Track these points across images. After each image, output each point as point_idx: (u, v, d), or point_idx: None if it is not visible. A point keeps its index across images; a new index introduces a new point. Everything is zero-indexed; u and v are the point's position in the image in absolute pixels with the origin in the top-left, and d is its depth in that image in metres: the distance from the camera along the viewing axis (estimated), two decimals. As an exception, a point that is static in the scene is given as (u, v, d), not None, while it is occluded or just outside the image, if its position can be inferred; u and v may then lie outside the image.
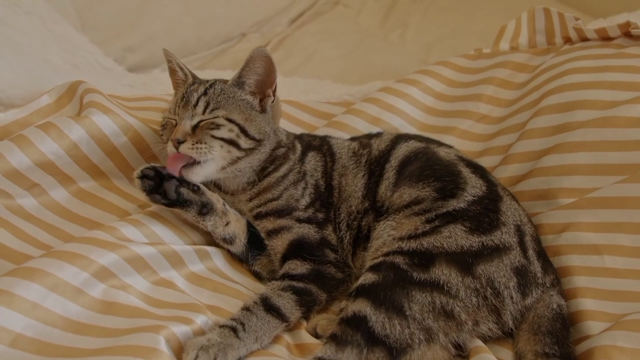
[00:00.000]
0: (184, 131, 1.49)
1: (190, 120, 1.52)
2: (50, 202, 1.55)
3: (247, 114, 1.56)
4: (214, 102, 1.53)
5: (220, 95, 1.55)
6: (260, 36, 3.03)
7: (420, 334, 1.28)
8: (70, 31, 2.23)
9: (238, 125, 1.53)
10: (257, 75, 1.57)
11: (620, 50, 1.83)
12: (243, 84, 1.58)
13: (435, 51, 2.93)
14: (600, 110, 1.67)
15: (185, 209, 1.48)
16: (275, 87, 1.60)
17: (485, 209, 1.44)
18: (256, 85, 1.58)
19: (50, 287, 1.22)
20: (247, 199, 1.60)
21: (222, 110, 1.53)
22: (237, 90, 1.58)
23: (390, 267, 1.35)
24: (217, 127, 1.51)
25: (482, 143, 1.94)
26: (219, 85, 1.58)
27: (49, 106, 1.67)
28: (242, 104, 1.57)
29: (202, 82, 1.61)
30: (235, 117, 1.53)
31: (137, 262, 1.36)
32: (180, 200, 1.47)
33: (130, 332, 1.21)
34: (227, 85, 1.58)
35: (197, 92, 1.56)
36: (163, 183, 1.47)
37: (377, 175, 1.58)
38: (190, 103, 1.54)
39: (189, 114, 1.52)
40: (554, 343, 1.32)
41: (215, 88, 1.57)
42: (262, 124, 1.57)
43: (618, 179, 1.55)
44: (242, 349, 1.27)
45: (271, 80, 1.58)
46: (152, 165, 1.48)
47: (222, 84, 1.59)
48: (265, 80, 1.58)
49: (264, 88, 1.59)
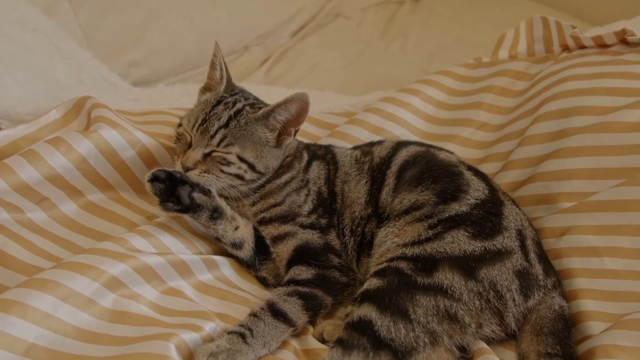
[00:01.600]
0: (195, 160, 1.52)
1: (204, 149, 1.53)
2: (59, 215, 1.57)
3: (260, 150, 1.58)
4: (231, 137, 1.54)
5: (241, 129, 1.55)
6: (263, 49, 3.06)
7: (425, 337, 1.30)
8: (75, 47, 2.26)
9: (248, 163, 1.55)
10: (289, 115, 1.58)
11: (616, 57, 1.85)
12: (270, 118, 1.58)
13: (436, 61, 2.95)
14: (598, 116, 1.69)
15: (198, 214, 1.50)
16: (298, 129, 1.62)
17: (488, 213, 1.46)
18: (283, 124, 1.59)
19: (62, 298, 1.25)
20: (251, 203, 1.62)
21: (237, 147, 1.54)
22: (261, 125, 1.58)
23: (395, 272, 1.37)
24: (227, 163, 1.53)
25: (482, 150, 1.95)
26: (244, 118, 1.57)
27: (56, 121, 1.69)
28: (258, 140, 1.58)
29: (229, 106, 1.59)
30: (247, 156, 1.55)
31: (147, 272, 1.38)
32: (193, 205, 1.49)
33: (141, 340, 1.23)
34: (252, 116, 1.58)
35: (218, 120, 1.55)
36: (177, 188, 1.49)
37: (379, 182, 1.60)
38: (208, 132, 1.53)
39: (204, 142, 1.53)
40: (556, 343, 1.34)
41: (239, 120, 1.56)
42: (271, 160, 1.60)
43: (616, 182, 1.57)
44: (250, 354, 1.30)
45: (298, 122, 1.60)
46: (163, 169, 1.50)
47: (247, 114, 1.58)
48: (293, 121, 1.59)
49: (288, 126, 1.60)
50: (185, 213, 1.51)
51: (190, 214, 1.51)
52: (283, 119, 1.58)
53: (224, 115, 1.56)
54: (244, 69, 2.83)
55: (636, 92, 1.70)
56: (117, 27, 2.62)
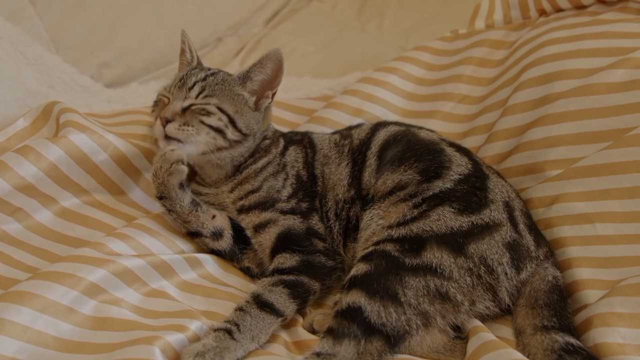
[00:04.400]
0: (174, 111, 1.51)
1: (182, 101, 1.54)
2: (35, 224, 1.53)
3: (239, 107, 1.57)
4: (210, 89, 1.56)
5: (218, 84, 1.57)
6: (237, 39, 3.01)
7: (417, 319, 1.28)
8: (43, 52, 2.22)
9: (228, 115, 1.55)
10: (265, 75, 1.59)
11: (595, 17, 1.82)
12: (247, 80, 1.59)
13: (414, 38, 2.90)
14: (580, 79, 1.67)
15: (180, 197, 1.51)
16: (275, 91, 1.62)
17: (473, 187, 1.44)
18: (260, 85, 1.60)
19: (40, 309, 1.22)
20: (229, 190, 1.60)
21: (215, 98, 1.55)
22: (238, 85, 1.59)
23: (382, 255, 1.34)
24: (207, 113, 1.53)
25: (465, 124, 1.93)
26: (221, 75, 1.61)
27: (25, 129, 1.65)
28: (237, 97, 1.58)
29: (205, 69, 1.64)
30: (226, 107, 1.55)
31: (127, 275, 1.35)
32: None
33: (124, 346, 1.20)
34: (230, 77, 1.61)
35: (196, 76, 1.58)
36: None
37: (360, 163, 1.58)
38: (186, 85, 1.56)
39: (182, 95, 1.54)
40: (552, 315, 1.31)
41: (216, 77, 1.59)
42: (251, 121, 1.59)
43: (603, 145, 1.54)
44: (239, 350, 1.26)
45: (275, 84, 1.61)
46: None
47: (224, 74, 1.62)
48: (270, 81, 1.60)
49: (265, 89, 1.61)
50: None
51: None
52: (259, 80, 1.59)
53: (200, 73, 1.59)
54: (219, 61, 2.78)
55: (617, 52, 1.67)
56: (85, 29, 2.57)
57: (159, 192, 1.52)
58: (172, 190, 1.50)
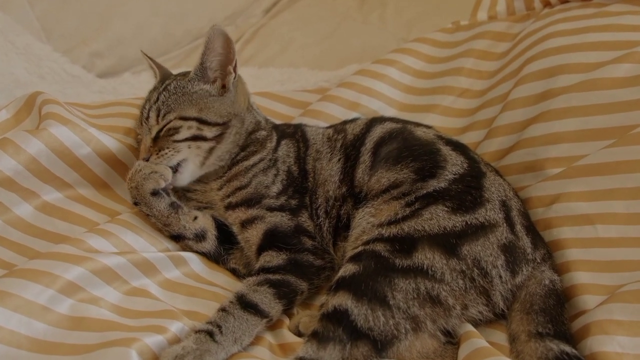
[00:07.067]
0: (146, 148, 1.51)
1: (149, 134, 1.52)
2: (14, 219, 1.48)
3: (202, 103, 1.53)
4: (165, 107, 1.53)
5: (171, 96, 1.54)
6: (235, 29, 2.94)
7: (406, 323, 1.22)
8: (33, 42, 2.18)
9: (194, 119, 1.51)
10: (218, 55, 1.55)
11: (600, 9, 1.77)
12: (206, 70, 1.55)
13: (416, 29, 2.84)
14: (583, 73, 1.62)
15: (158, 200, 1.47)
16: (235, 63, 1.57)
17: (468, 186, 1.38)
18: (219, 66, 1.56)
19: (13, 308, 1.18)
20: (218, 187, 1.57)
21: (173, 112, 1.52)
22: (195, 82, 1.55)
23: (371, 255, 1.29)
24: (175, 130, 1.50)
25: (465, 119, 1.88)
26: (173, 84, 1.56)
27: (7, 121, 1.61)
28: (195, 96, 1.54)
29: (157, 88, 1.59)
30: (187, 113, 1.52)
31: (106, 274, 1.31)
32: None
33: (101, 347, 1.16)
34: (183, 80, 1.56)
35: (149, 101, 1.56)
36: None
37: (353, 159, 1.53)
38: (143, 117, 1.54)
39: (146, 129, 1.53)
40: (548, 322, 1.25)
41: (168, 90, 1.55)
42: (222, 107, 1.55)
43: (606, 143, 1.49)
44: (220, 353, 1.21)
45: (231, 57, 1.56)
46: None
47: (175, 81, 1.57)
48: (225, 58, 1.56)
49: (225, 67, 1.56)
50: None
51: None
52: (217, 63, 1.55)
53: (153, 95, 1.57)
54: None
55: (623, 45, 1.62)
56: (78, 18, 2.52)
57: (133, 198, 1.48)
58: (146, 197, 1.46)
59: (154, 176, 1.46)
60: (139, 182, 1.45)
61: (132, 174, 1.47)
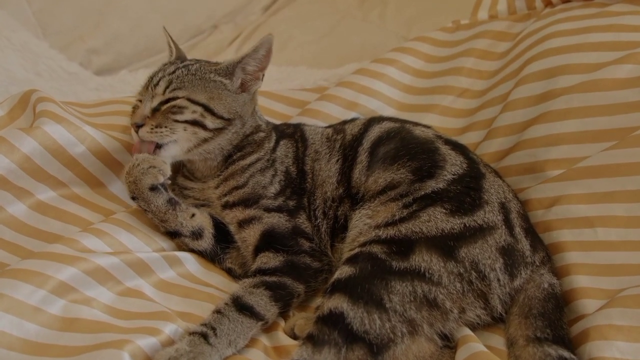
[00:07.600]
0: (142, 114, 1.46)
1: (150, 102, 1.48)
2: (7, 218, 1.46)
3: (215, 93, 1.51)
4: (177, 82, 1.49)
5: (188, 75, 1.51)
6: (234, 26, 2.92)
7: (402, 326, 1.20)
8: (30, 38, 2.16)
9: (202, 105, 1.48)
10: (258, 61, 1.55)
11: (603, 9, 1.75)
12: (237, 68, 1.54)
13: (416, 28, 2.82)
14: (585, 74, 1.60)
15: (156, 195, 1.44)
16: (264, 73, 1.59)
17: (467, 187, 1.37)
18: (253, 70, 1.56)
19: (4, 309, 1.16)
20: (215, 186, 1.54)
21: (184, 90, 1.48)
22: (215, 73, 1.53)
23: (367, 257, 1.27)
24: (179, 110, 1.47)
25: (464, 119, 1.86)
26: (195, 66, 1.54)
27: (1, 119, 1.58)
28: (212, 85, 1.51)
29: (176, 62, 1.58)
30: (197, 97, 1.49)
31: (99, 274, 1.29)
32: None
33: (93, 349, 1.14)
34: (208, 66, 1.55)
35: (163, 71, 1.53)
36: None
37: (351, 159, 1.51)
38: (152, 84, 1.51)
39: (149, 95, 1.49)
40: (546, 326, 1.23)
41: (188, 68, 1.53)
42: (232, 104, 1.52)
43: (607, 145, 1.47)
44: (214, 355, 1.20)
45: (265, 65, 1.56)
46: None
47: (199, 64, 1.55)
48: (261, 64, 1.56)
49: (256, 72, 1.56)
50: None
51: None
52: (252, 65, 1.55)
53: (171, 67, 1.54)
54: (213, 49, 2.71)
55: (625, 46, 1.60)
56: (75, 14, 2.50)
57: (131, 192, 1.45)
58: (144, 192, 1.43)
59: (153, 171, 1.43)
60: (137, 177, 1.42)
61: (129, 168, 1.44)
